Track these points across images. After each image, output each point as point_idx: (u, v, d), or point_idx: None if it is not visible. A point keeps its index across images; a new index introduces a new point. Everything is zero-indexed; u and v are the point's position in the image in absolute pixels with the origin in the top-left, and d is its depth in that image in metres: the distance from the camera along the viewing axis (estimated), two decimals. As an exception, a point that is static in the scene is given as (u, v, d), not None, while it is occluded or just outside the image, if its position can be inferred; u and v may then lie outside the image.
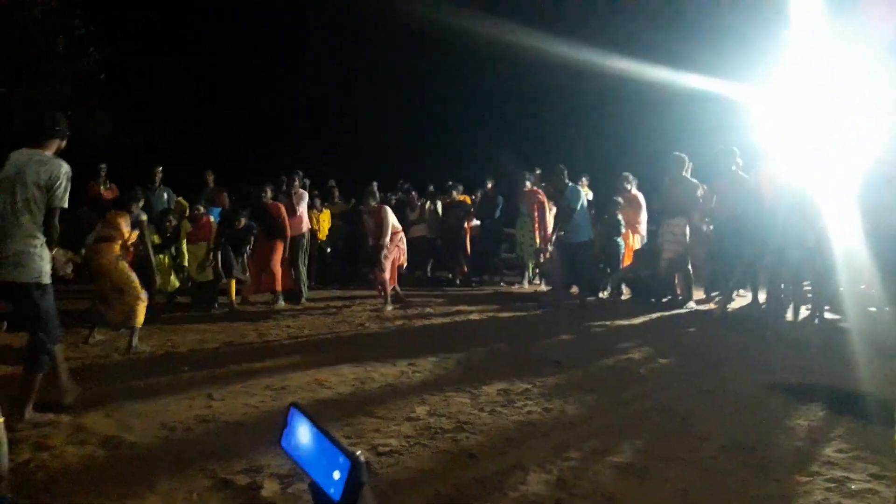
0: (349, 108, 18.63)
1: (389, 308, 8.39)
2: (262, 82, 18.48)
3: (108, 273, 6.03)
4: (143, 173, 10.46)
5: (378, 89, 18.19)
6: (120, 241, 6.20)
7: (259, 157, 16.58)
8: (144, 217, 6.73)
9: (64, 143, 4.14)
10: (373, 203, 8.81)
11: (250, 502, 2.86)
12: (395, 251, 8.72)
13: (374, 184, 10.48)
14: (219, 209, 9.69)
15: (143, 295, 6.18)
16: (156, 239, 8.10)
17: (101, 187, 10.19)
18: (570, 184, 8.76)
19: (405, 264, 9.24)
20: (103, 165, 10.29)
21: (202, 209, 8.79)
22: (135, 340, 6.03)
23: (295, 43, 18.74)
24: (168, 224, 8.38)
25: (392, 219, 8.62)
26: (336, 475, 0.82)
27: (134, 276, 6.13)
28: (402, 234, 8.89)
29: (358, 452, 0.81)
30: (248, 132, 18.35)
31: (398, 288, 8.99)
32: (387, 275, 8.53)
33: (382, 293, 8.61)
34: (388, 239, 8.46)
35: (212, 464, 3.25)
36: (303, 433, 0.88)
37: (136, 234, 6.54)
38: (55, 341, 4.03)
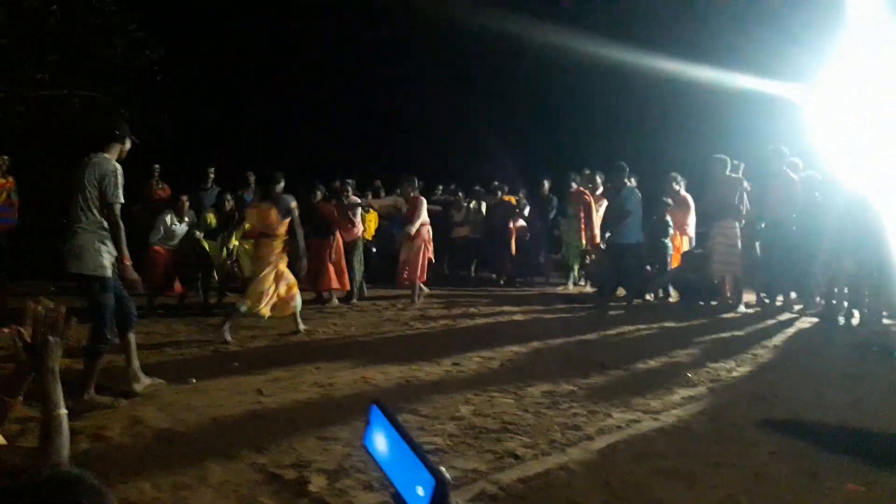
0: (397, 107, 18.73)
1: (417, 304, 8.59)
2: (309, 82, 18.69)
3: (263, 262, 6.43)
4: (196, 172, 10.73)
5: (426, 90, 18.21)
6: (280, 240, 6.52)
7: (305, 157, 16.82)
8: (294, 203, 6.86)
9: (127, 146, 4.54)
10: (411, 192, 8.86)
11: (298, 497, 2.91)
12: (422, 245, 8.75)
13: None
14: None
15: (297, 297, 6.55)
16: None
17: (155, 187, 10.48)
18: (628, 184, 8.63)
19: (433, 259, 9.35)
20: (157, 166, 10.58)
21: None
22: (299, 324, 6.67)
23: (341, 43, 18.93)
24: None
25: (424, 211, 8.72)
26: (420, 491, 0.77)
27: (284, 276, 6.47)
28: (429, 227, 8.92)
29: (442, 468, 0.76)
30: (294, 132, 18.55)
31: (421, 285, 9.04)
32: (415, 271, 8.66)
33: (410, 290, 8.79)
34: (415, 228, 8.60)
35: (261, 458, 3.33)
36: (384, 437, 0.82)
37: (286, 223, 6.67)
38: (112, 333, 4.36)
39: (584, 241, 10.12)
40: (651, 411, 4.14)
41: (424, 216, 8.78)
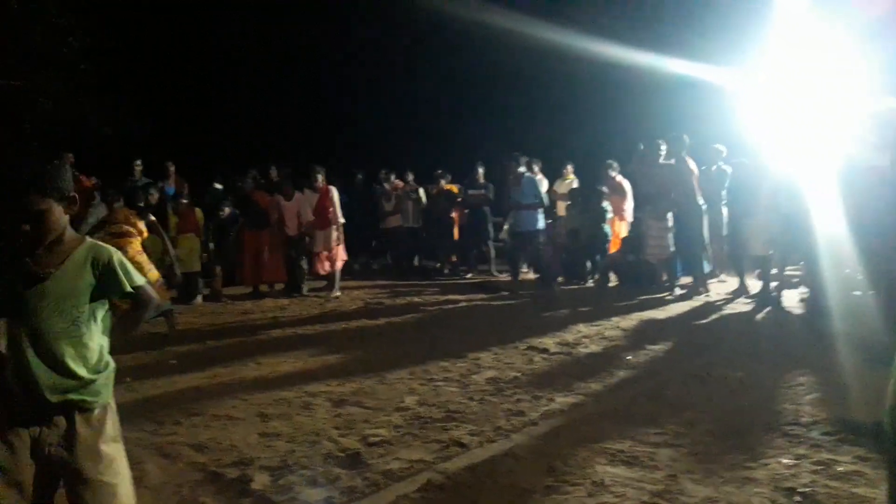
0: (336, 95, 18.48)
1: (338, 293, 8.78)
2: (246, 71, 18.27)
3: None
4: (127, 165, 10.38)
5: (365, 77, 18.02)
6: (139, 238, 6.29)
7: (243, 146, 16.50)
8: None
9: None
10: (319, 182, 8.88)
11: (241, 495, 2.85)
12: (339, 235, 8.92)
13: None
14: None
15: (159, 280, 6.33)
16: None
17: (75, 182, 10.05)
18: (528, 174, 8.79)
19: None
20: (69, 154, 10.16)
21: (185, 202, 8.75)
22: (174, 321, 6.36)
23: (278, 29, 18.49)
24: (221, 213, 8.53)
25: (337, 199, 8.84)
26: None
27: (149, 266, 6.24)
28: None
29: None
30: (232, 120, 18.06)
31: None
32: (335, 261, 8.85)
33: (329, 279, 8.95)
34: (341, 219, 8.82)
35: (201, 457, 3.24)
36: None
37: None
38: None
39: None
40: (592, 394, 4.22)
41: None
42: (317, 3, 17.73)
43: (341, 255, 8.96)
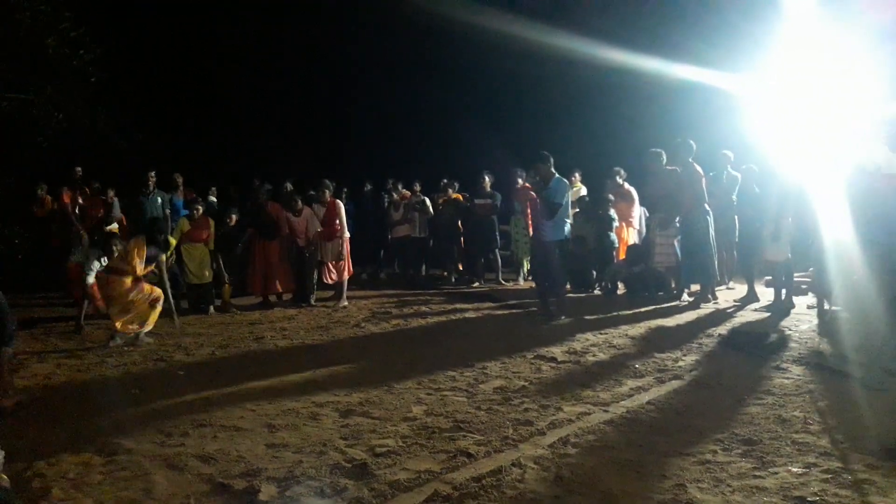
0: (344, 105, 18.49)
1: (345, 303, 8.89)
2: (250, 79, 18.32)
3: (119, 299, 6.43)
4: (139, 177, 10.44)
5: (372, 86, 18.02)
6: (132, 277, 6.49)
7: (249, 155, 16.58)
8: (163, 257, 6.97)
9: None
10: (327, 196, 9.02)
11: (248, 506, 2.85)
12: (346, 246, 9.06)
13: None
14: (186, 212, 9.79)
15: (160, 301, 6.62)
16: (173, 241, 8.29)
17: (80, 194, 10.08)
18: (557, 175, 8.37)
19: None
20: (78, 168, 10.17)
21: (200, 210, 8.74)
22: (142, 335, 6.50)
23: (287, 39, 18.55)
24: (228, 221, 8.74)
25: (343, 213, 9.05)
26: None
27: (146, 291, 6.50)
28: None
29: None
30: (241, 130, 18.11)
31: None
32: (343, 272, 9.01)
33: (337, 289, 9.11)
34: (347, 233, 9.01)
35: (209, 468, 3.25)
36: None
37: (150, 268, 6.69)
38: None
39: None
40: (601, 403, 4.20)
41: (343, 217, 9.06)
42: (326, 14, 17.79)
43: (348, 266, 9.04)
